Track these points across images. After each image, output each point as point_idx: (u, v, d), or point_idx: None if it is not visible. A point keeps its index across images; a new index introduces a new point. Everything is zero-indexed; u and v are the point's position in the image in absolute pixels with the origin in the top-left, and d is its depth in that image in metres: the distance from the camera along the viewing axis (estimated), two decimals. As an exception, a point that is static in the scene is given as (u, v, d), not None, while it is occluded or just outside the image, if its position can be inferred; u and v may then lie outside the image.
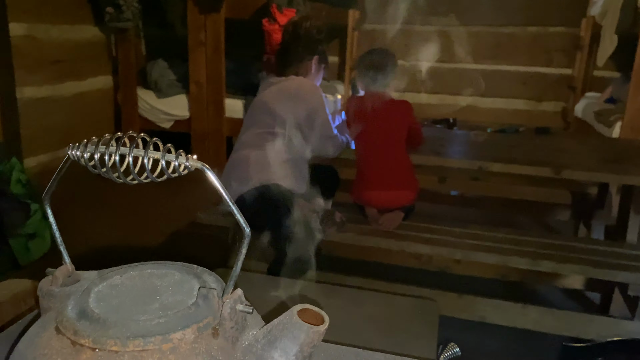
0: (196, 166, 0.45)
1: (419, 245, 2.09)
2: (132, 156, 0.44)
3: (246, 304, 0.49)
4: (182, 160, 0.45)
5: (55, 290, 0.49)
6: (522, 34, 5.29)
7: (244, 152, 2.15)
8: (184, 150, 0.46)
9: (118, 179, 0.45)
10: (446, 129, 2.80)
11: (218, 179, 0.47)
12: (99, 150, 0.44)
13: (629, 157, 2.33)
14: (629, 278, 1.92)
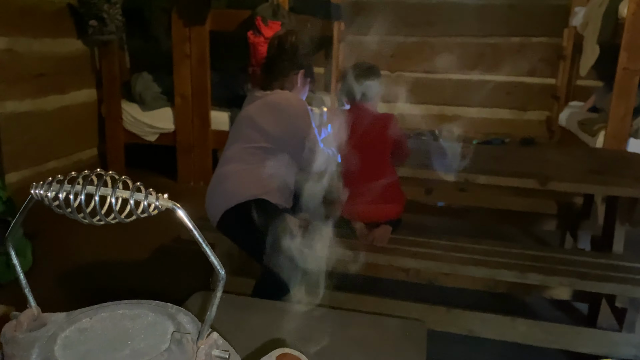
0: (167, 206, 0.43)
1: (406, 259, 2.07)
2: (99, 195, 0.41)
3: (222, 350, 0.46)
4: (152, 199, 0.43)
5: (20, 337, 0.46)
6: (505, 45, 5.35)
7: (229, 167, 2.12)
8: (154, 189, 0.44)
9: (84, 220, 0.42)
10: (432, 140, 2.79)
11: (189, 219, 0.45)
12: (64, 189, 0.42)
13: (613, 168, 2.34)
14: (616, 289, 1.92)
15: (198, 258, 2.28)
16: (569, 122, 4.57)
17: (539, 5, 5.17)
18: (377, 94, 2.32)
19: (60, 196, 0.41)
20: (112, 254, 2.99)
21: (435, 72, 5.61)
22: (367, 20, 5.59)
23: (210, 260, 0.46)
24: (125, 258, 2.96)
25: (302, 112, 2.10)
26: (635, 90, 3.51)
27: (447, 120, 5.68)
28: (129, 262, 2.92)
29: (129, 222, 0.43)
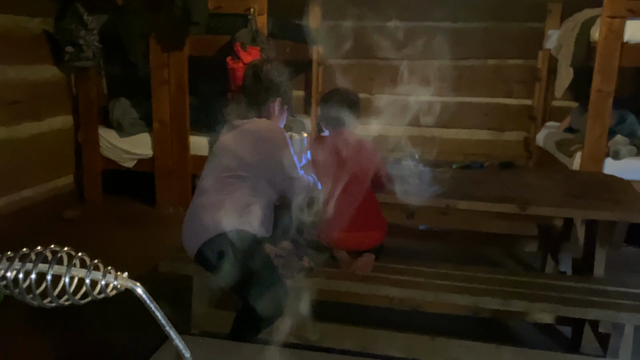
0: (126, 286, 0.40)
1: (389, 288, 2.04)
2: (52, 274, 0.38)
3: None
4: (111, 279, 0.39)
5: None
6: (482, 67, 5.44)
7: (206, 198, 2.08)
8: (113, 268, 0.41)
9: (33, 302, 0.39)
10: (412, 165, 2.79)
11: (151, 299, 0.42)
12: (13, 267, 0.38)
13: (591, 191, 2.36)
14: (599, 315, 1.92)
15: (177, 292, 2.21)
16: (546, 143, 4.63)
17: (514, 28, 5.27)
18: (355, 120, 2.31)
19: (9, 275, 0.37)
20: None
21: (413, 95, 5.65)
22: (346, 44, 5.64)
23: (175, 343, 0.42)
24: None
25: (280, 140, 2.08)
26: (610, 111, 3.58)
27: (427, 141, 5.72)
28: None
29: (83, 303, 0.40)
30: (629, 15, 3.39)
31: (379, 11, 5.48)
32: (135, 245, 3.49)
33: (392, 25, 5.52)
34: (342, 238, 2.18)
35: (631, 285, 2.18)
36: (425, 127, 5.70)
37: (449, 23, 5.39)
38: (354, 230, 2.16)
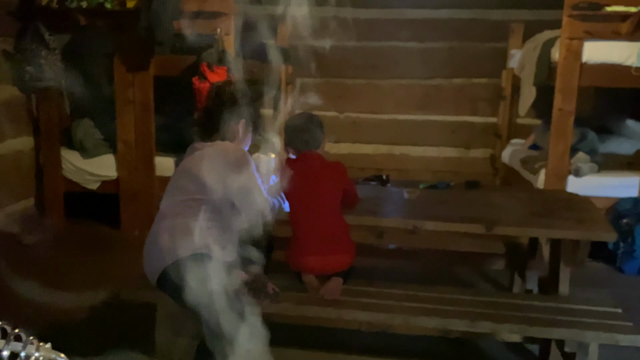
0: (49, 357, 0.36)
1: (358, 312, 2.02)
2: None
3: None
4: (32, 350, 0.36)
5: None
6: (448, 86, 5.53)
7: (167, 222, 2.03)
8: (36, 338, 0.37)
9: None
10: (380, 186, 2.80)
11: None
12: None
13: (555, 210, 2.40)
14: (564, 334, 1.93)
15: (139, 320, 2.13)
16: (512, 160, 4.72)
17: (479, 48, 5.39)
18: (320, 142, 2.30)
19: None
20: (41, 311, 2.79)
21: (382, 113, 5.71)
22: (314, 63, 5.68)
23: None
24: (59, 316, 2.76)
25: (243, 163, 2.04)
26: (572, 129, 3.67)
27: (396, 159, 5.76)
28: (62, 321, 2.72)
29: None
30: (586, 37, 3.50)
31: (347, 31, 5.55)
32: (97, 270, 3.37)
33: (359, 46, 5.59)
34: (310, 262, 2.15)
35: (595, 302, 2.21)
36: (394, 145, 5.76)
37: (415, 43, 5.48)
38: (323, 254, 2.14)
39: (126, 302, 2.19)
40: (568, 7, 3.46)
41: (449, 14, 5.34)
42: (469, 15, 5.32)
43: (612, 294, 3.21)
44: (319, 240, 2.14)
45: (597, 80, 3.65)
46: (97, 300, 2.88)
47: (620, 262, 3.56)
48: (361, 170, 5.60)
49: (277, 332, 2.42)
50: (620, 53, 3.50)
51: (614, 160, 4.05)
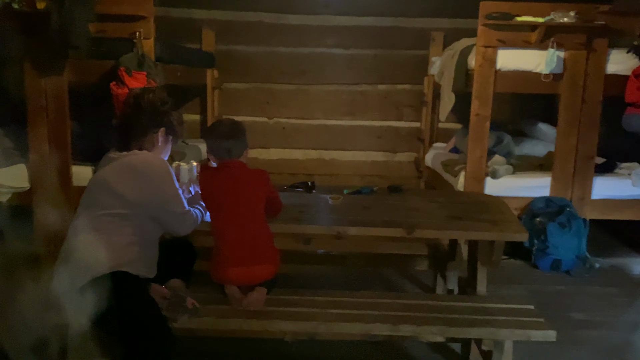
0: None
1: (282, 322, 2.00)
2: None
3: None
4: None
5: None
6: (374, 92, 5.65)
7: (83, 238, 1.92)
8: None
9: None
10: (305, 192, 2.79)
11: None
12: None
13: (472, 212, 2.49)
14: (481, 333, 2.01)
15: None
16: (434, 163, 4.89)
17: (402, 55, 5.55)
18: (244, 150, 2.26)
19: None
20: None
21: (311, 119, 5.74)
22: (242, 68, 5.62)
23: None
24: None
25: (163, 174, 1.97)
26: (488, 133, 3.85)
27: (326, 164, 5.81)
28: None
29: None
30: (499, 45, 3.69)
31: (273, 37, 5.53)
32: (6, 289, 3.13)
33: (286, 51, 5.59)
34: (233, 273, 2.10)
35: (511, 300, 2.31)
36: (323, 149, 5.80)
37: (341, 50, 5.56)
38: (246, 265, 2.10)
39: (33, 326, 2.04)
40: (482, 17, 3.63)
41: (373, 22, 5.46)
42: (392, 23, 5.46)
43: (527, 290, 3.40)
44: (242, 250, 2.10)
45: (510, 86, 3.84)
46: (3, 325, 2.68)
47: (535, 259, 3.76)
48: (292, 175, 5.61)
49: (202, 345, 2.37)
50: (531, 61, 3.72)
51: (528, 162, 4.29)
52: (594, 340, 2.74)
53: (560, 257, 3.65)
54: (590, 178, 3.85)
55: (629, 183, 3.88)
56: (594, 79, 3.72)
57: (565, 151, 3.83)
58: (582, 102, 3.76)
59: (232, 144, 2.20)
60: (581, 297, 3.30)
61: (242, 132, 2.25)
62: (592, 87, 3.73)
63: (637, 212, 3.91)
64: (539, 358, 2.52)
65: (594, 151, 3.83)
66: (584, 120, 3.78)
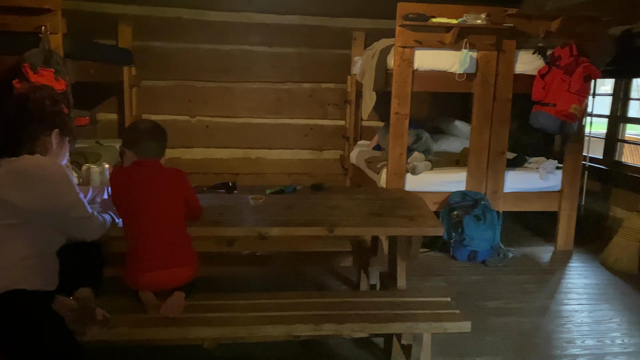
0: None
1: (200, 328, 1.94)
2: None
3: None
4: None
5: None
6: (299, 90, 5.66)
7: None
8: None
9: None
10: (226, 193, 2.73)
11: None
12: None
13: (391, 208, 2.54)
14: (400, 328, 2.05)
15: None
16: (358, 160, 4.97)
17: (325, 54, 5.59)
18: (160, 149, 2.17)
19: None
20: None
21: (236, 117, 5.65)
22: (161, 65, 5.42)
23: None
24: None
25: (58, 178, 1.81)
26: (407, 131, 3.95)
27: (252, 163, 5.74)
28: None
29: None
30: (416, 46, 3.79)
31: (194, 33, 5.38)
32: None
33: (208, 49, 5.46)
34: (147, 278, 2.01)
35: (429, 293, 2.39)
36: (249, 148, 5.73)
37: (265, 47, 5.51)
38: (161, 268, 2.01)
39: None
40: (400, 17, 3.72)
41: (296, 20, 5.46)
42: (315, 22, 5.49)
43: (447, 281, 3.54)
44: (156, 253, 2.01)
45: (427, 85, 3.97)
46: None
47: (453, 250, 3.92)
48: (217, 175, 5.50)
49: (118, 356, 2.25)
50: (446, 61, 3.86)
51: (446, 158, 4.46)
52: (507, 327, 2.89)
53: (476, 248, 3.82)
54: (502, 172, 4.06)
55: (537, 176, 4.13)
56: (504, 79, 3.92)
57: (479, 147, 4.01)
58: (494, 101, 3.95)
59: (155, 143, 2.13)
60: (496, 285, 3.47)
61: (164, 134, 2.18)
62: (502, 86, 3.93)
63: (545, 204, 4.17)
64: (456, 346, 2.62)
65: (505, 147, 4.04)
66: (495, 117, 3.98)
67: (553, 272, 3.77)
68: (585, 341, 2.76)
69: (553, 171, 4.14)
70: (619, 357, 2.61)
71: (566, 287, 3.53)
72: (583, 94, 3.65)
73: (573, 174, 4.12)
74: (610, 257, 3.85)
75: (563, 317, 3.05)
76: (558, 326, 2.93)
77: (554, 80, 3.69)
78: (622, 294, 3.40)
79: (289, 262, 3.34)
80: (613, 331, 2.88)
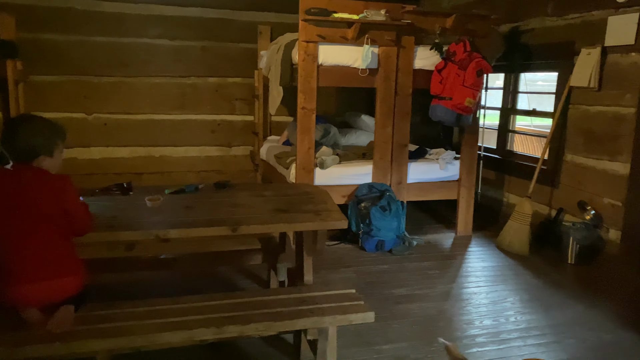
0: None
1: (92, 341, 1.80)
2: None
3: None
4: None
5: None
6: (204, 85, 5.50)
7: None
8: None
9: None
10: (121, 195, 2.58)
11: None
12: None
13: (297, 204, 2.53)
14: (306, 324, 2.04)
15: None
16: (268, 156, 4.92)
17: (231, 48, 5.47)
18: (41, 152, 1.97)
19: None
20: None
21: (137, 113, 5.38)
22: (52, 59, 5.03)
23: None
24: None
25: None
26: (314, 126, 3.96)
27: (156, 161, 5.50)
28: None
29: None
30: (320, 41, 3.80)
31: (87, 25, 5.04)
32: None
33: (104, 41, 5.14)
34: (26, 292, 1.83)
35: (335, 286, 2.41)
36: (153, 146, 5.49)
37: (166, 41, 5.29)
38: (42, 280, 1.84)
39: None
40: (302, 12, 3.70)
41: (198, 13, 5.29)
42: (218, 15, 5.35)
43: (356, 272, 3.60)
44: (34, 265, 1.84)
45: (332, 80, 3.99)
46: None
47: (362, 242, 4.00)
48: (118, 175, 5.21)
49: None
50: (349, 56, 3.90)
51: (353, 152, 4.53)
52: (413, 313, 2.99)
53: (383, 238, 3.92)
54: (405, 164, 4.20)
55: (437, 167, 4.32)
56: (404, 74, 4.05)
57: (383, 140, 4.12)
58: (396, 95, 4.07)
59: (27, 144, 1.92)
60: (402, 273, 3.59)
61: (42, 131, 1.96)
62: (403, 81, 4.06)
63: (445, 193, 4.37)
64: (365, 336, 2.67)
65: (407, 139, 4.17)
66: (397, 111, 4.10)
67: (454, 257, 3.97)
68: (483, 321, 2.92)
69: (452, 161, 4.35)
70: (513, 333, 2.79)
71: (466, 271, 3.72)
72: (476, 88, 3.85)
73: (470, 163, 4.35)
74: (505, 240, 4.12)
75: (463, 300, 3.21)
76: (459, 309, 3.08)
77: (450, 75, 3.87)
78: (515, 274, 3.64)
79: (197, 263, 3.23)
80: (507, 310, 3.08)
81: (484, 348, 2.63)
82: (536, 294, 3.31)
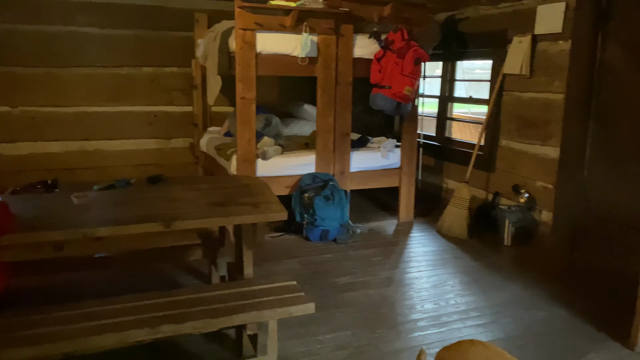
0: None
1: (13, 350, 1.69)
2: None
3: None
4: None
5: None
6: (139, 75, 5.28)
7: None
8: None
9: None
10: (45, 193, 2.42)
11: None
12: None
13: (235, 197, 2.46)
14: (245, 319, 2.00)
15: None
16: (209, 148, 4.80)
17: (166, 36, 5.28)
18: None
19: None
20: None
21: (68, 106, 5.11)
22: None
23: None
24: None
25: None
26: (255, 116, 3.89)
27: (90, 156, 5.25)
28: None
29: None
30: (257, 28, 3.72)
31: (7, 12, 4.72)
32: None
33: (29, 30, 4.83)
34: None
35: (276, 278, 2.36)
36: (86, 140, 5.23)
37: (96, 29, 5.03)
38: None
39: None
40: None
41: (129, 0, 5.06)
42: (151, 3, 5.14)
43: (300, 262, 3.58)
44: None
45: (271, 69, 3.92)
46: None
47: (306, 232, 3.98)
48: (49, 172, 4.93)
49: None
50: (288, 44, 3.84)
51: (295, 142, 4.50)
52: (356, 301, 3.00)
53: (327, 228, 3.92)
54: (348, 153, 4.21)
55: (379, 155, 4.35)
56: (344, 62, 4.03)
57: (325, 130, 4.10)
58: (336, 84, 4.05)
59: None
60: (346, 262, 3.60)
61: None
62: (343, 70, 4.04)
63: (387, 180, 4.42)
64: (309, 327, 2.65)
65: (349, 128, 4.17)
66: (338, 100, 4.09)
67: (397, 244, 4.03)
68: (424, 305, 2.98)
69: (393, 149, 4.40)
70: (453, 316, 2.86)
71: (408, 256, 3.78)
72: (414, 76, 3.89)
73: (410, 151, 4.41)
74: (444, 225, 4.22)
75: (406, 285, 3.26)
76: (401, 294, 3.12)
77: (389, 63, 3.89)
78: (455, 257, 3.74)
79: (135, 261, 3.11)
80: (447, 293, 3.15)
81: (425, 332, 2.68)
82: (475, 276, 3.41)
